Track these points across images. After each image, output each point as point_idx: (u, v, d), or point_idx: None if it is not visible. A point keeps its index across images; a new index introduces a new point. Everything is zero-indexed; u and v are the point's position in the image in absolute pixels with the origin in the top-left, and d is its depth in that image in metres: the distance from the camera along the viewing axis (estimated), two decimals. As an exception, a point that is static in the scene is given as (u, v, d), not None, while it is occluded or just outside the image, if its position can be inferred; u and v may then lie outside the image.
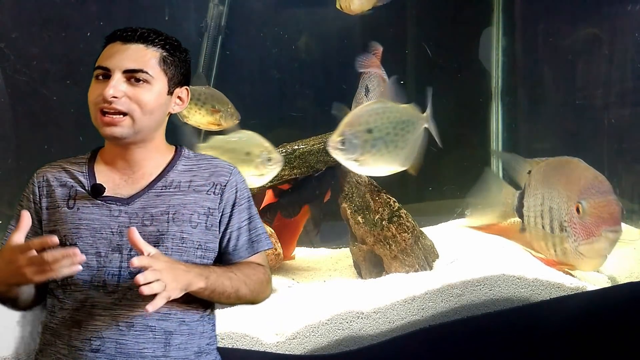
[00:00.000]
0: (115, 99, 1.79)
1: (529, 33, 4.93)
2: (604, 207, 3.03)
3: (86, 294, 1.79)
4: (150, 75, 1.84)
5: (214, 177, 1.91)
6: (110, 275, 1.79)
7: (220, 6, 4.37)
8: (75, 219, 1.82)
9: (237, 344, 2.67)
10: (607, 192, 3.11)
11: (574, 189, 3.11)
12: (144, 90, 1.83)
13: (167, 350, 1.79)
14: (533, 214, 3.33)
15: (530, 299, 3.04)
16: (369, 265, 3.57)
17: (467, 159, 4.95)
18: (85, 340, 1.76)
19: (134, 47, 1.86)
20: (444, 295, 2.97)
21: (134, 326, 1.77)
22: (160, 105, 1.87)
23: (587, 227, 3.06)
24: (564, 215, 3.12)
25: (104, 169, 1.91)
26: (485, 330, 2.89)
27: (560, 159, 3.35)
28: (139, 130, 1.84)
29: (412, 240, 3.47)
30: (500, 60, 4.91)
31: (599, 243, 3.03)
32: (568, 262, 3.15)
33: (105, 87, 1.80)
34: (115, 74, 1.81)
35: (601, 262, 3.13)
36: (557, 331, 2.84)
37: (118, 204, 1.84)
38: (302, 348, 2.73)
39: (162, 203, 1.84)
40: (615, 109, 4.17)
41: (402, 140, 2.96)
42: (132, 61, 1.83)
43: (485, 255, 3.54)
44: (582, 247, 3.06)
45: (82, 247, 1.79)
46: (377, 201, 3.55)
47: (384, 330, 2.85)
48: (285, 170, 3.49)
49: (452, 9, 4.72)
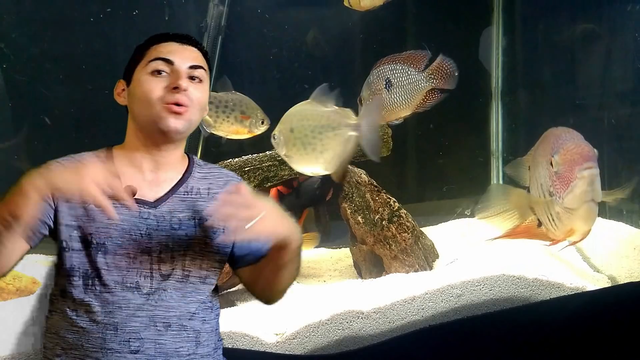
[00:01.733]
0: (186, 91, 1.85)
1: (529, 33, 4.93)
2: (573, 151, 2.93)
3: (120, 296, 1.79)
4: (206, 74, 1.94)
5: (227, 185, 1.96)
6: (143, 276, 1.81)
7: (220, 6, 4.37)
8: (104, 218, 1.79)
9: (237, 344, 2.67)
10: (576, 138, 3.05)
11: (547, 151, 3.06)
12: (200, 88, 1.91)
13: (197, 348, 1.84)
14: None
15: (530, 299, 3.04)
16: (369, 265, 3.57)
17: (467, 159, 4.95)
18: (124, 342, 1.76)
19: (191, 48, 1.96)
20: (444, 295, 2.97)
21: (171, 326, 1.80)
22: (206, 104, 1.96)
23: (564, 176, 2.95)
24: (548, 180, 3.07)
25: (127, 169, 1.90)
26: (485, 330, 2.89)
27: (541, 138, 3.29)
28: (190, 127, 1.90)
29: (412, 240, 3.47)
30: (500, 60, 4.91)
31: (578, 187, 2.89)
32: (566, 228, 3.08)
33: (167, 81, 1.85)
34: (182, 67, 1.87)
35: (591, 211, 2.98)
36: (557, 331, 2.84)
37: (145, 207, 1.85)
38: (302, 348, 2.73)
39: (187, 208, 1.88)
40: (615, 108, 4.16)
41: (320, 144, 2.91)
42: (195, 59, 1.92)
43: (485, 255, 3.54)
44: (566, 199, 2.93)
45: (111, 247, 1.80)
46: (377, 201, 3.55)
47: (384, 330, 2.85)
48: (285, 170, 3.49)
49: (452, 9, 4.72)
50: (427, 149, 4.97)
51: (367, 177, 3.64)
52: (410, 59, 3.31)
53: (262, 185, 3.50)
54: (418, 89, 3.31)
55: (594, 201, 2.83)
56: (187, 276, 1.85)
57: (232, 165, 3.45)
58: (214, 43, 4.35)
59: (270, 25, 4.49)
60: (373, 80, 3.34)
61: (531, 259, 3.44)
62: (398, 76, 3.33)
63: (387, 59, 3.32)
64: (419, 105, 3.35)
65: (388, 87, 3.32)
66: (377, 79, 3.32)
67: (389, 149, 3.77)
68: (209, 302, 1.90)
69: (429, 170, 5.00)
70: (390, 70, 3.33)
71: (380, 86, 3.31)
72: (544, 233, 3.12)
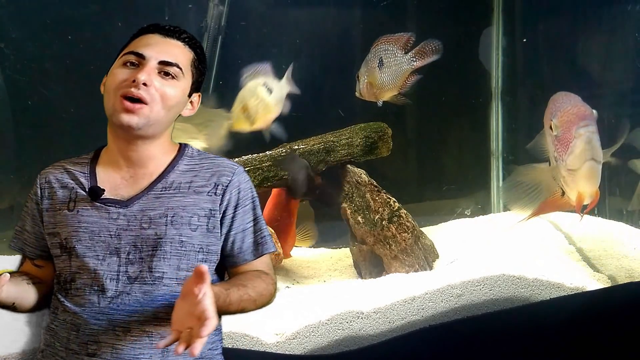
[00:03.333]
0: (145, 86, 1.78)
1: (529, 33, 4.93)
2: (570, 112, 2.90)
3: (87, 299, 1.77)
4: (182, 73, 1.86)
5: (215, 177, 1.88)
6: (109, 279, 1.77)
7: (220, 6, 4.37)
8: (75, 222, 1.81)
9: (237, 344, 2.66)
10: (573, 100, 3.02)
11: (549, 117, 3.05)
12: (171, 85, 1.84)
13: (165, 356, 1.77)
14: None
15: (530, 299, 3.04)
16: (369, 265, 3.57)
17: (467, 159, 4.95)
18: (83, 344, 1.75)
19: (174, 42, 1.89)
20: (444, 295, 2.97)
21: (130, 331, 1.75)
22: (179, 103, 1.88)
23: (563, 138, 2.92)
24: (552, 145, 3.05)
25: (105, 168, 1.88)
26: (485, 330, 2.89)
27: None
28: (153, 122, 1.82)
29: (412, 240, 3.47)
30: (500, 60, 4.91)
31: (577, 146, 2.86)
32: (574, 191, 3.03)
33: (135, 73, 1.79)
34: (151, 62, 1.82)
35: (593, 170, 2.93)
36: (557, 331, 2.83)
37: (117, 206, 1.81)
38: (302, 348, 2.73)
39: (160, 205, 1.81)
40: (615, 108, 4.16)
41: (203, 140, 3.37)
42: (171, 55, 1.85)
43: (485, 255, 3.54)
44: (568, 161, 2.89)
45: (81, 250, 1.78)
46: (377, 201, 3.55)
47: (384, 330, 2.85)
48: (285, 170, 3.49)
49: (452, 9, 4.72)
50: (427, 149, 4.97)
51: (367, 177, 3.64)
52: (399, 40, 3.42)
53: (262, 185, 3.50)
54: (403, 70, 3.43)
55: (594, 160, 2.80)
56: (159, 278, 1.77)
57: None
58: (214, 43, 4.35)
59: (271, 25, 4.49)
60: (370, 59, 3.46)
61: (531, 259, 3.44)
62: (388, 56, 3.43)
63: (382, 39, 3.44)
64: (401, 86, 3.47)
65: (380, 67, 3.40)
66: (373, 57, 3.45)
67: (389, 149, 3.78)
68: None
69: (429, 170, 5.00)
70: (384, 50, 3.44)
71: (375, 64, 3.42)
72: (568, 202, 3.08)
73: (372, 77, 3.45)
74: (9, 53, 3.90)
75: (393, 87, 3.46)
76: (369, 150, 3.70)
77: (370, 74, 3.47)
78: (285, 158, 3.53)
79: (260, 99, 3.43)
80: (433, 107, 4.85)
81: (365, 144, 3.68)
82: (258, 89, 3.44)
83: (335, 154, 3.61)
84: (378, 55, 3.44)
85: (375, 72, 3.45)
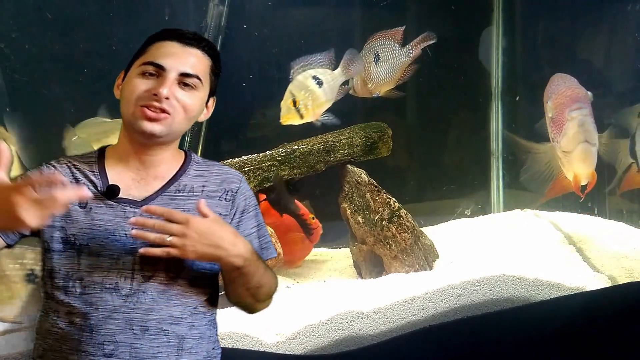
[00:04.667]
0: (167, 99, 1.79)
1: (529, 33, 4.93)
2: (564, 94, 2.94)
3: (98, 297, 1.74)
4: (201, 83, 1.86)
5: (225, 183, 1.90)
6: (124, 277, 1.75)
7: (220, 6, 4.37)
8: (88, 220, 1.78)
9: (237, 344, 2.66)
10: (569, 82, 3.04)
11: (545, 99, 3.07)
12: (191, 96, 1.84)
13: (180, 355, 1.77)
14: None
15: (530, 299, 3.04)
16: (369, 265, 3.57)
17: (467, 159, 4.95)
18: (98, 344, 1.72)
19: (194, 52, 1.87)
20: (444, 295, 2.97)
21: (149, 330, 1.74)
22: (198, 112, 1.89)
23: (557, 120, 2.97)
24: (548, 127, 3.07)
25: (115, 168, 1.87)
26: (485, 330, 2.89)
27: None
28: (174, 131, 1.84)
29: (412, 240, 3.47)
30: (500, 60, 4.91)
31: (570, 128, 2.90)
32: (569, 172, 3.05)
33: (155, 84, 1.79)
34: (171, 74, 1.81)
35: (587, 152, 2.95)
36: (557, 331, 2.83)
37: (132, 206, 1.80)
38: (302, 348, 2.73)
39: (176, 207, 1.80)
40: (615, 108, 4.16)
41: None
42: (191, 66, 1.84)
43: (485, 255, 3.54)
44: (562, 142, 2.94)
45: (95, 248, 1.76)
46: (377, 201, 3.55)
47: (384, 330, 2.85)
48: (285, 170, 3.49)
49: (452, 9, 4.72)
50: (427, 149, 4.97)
51: (367, 177, 3.64)
52: (396, 35, 3.49)
53: (262, 185, 3.50)
54: (401, 63, 3.51)
55: (588, 142, 2.82)
56: (173, 278, 1.78)
57: (232, 166, 3.45)
58: (214, 43, 4.35)
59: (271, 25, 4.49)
60: (364, 54, 3.50)
61: (531, 259, 3.44)
62: (385, 51, 3.48)
63: (377, 35, 3.50)
64: (399, 78, 3.55)
65: (376, 61, 3.44)
66: (368, 53, 3.51)
67: (389, 149, 3.78)
68: (202, 307, 1.83)
69: (429, 170, 5.00)
70: (380, 45, 3.49)
71: (370, 60, 3.47)
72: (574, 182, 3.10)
73: (368, 72, 3.49)
74: (9, 53, 3.90)
75: (391, 80, 3.51)
76: (369, 150, 3.70)
77: (366, 69, 3.49)
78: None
79: (310, 91, 3.39)
80: (433, 107, 4.86)
81: (365, 144, 3.68)
82: (307, 81, 3.40)
83: (335, 154, 3.61)
84: (374, 50, 3.47)
85: (371, 67, 3.49)
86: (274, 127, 4.38)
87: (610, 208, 4.21)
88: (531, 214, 4.37)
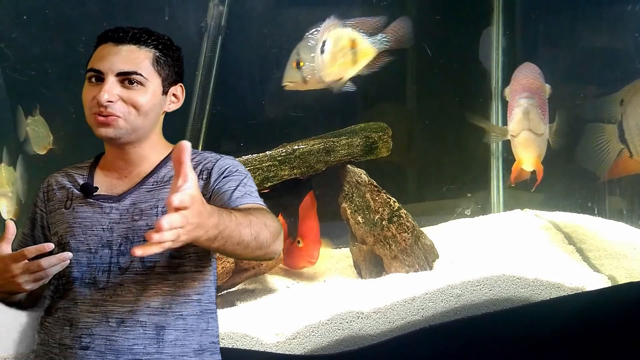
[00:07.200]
0: (110, 103, 1.78)
1: (529, 33, 4.93)
2: (519, 82, 3.06)
3: (77, 292, 1.80)
4: (144, 77, 1.83)
5: (201, 165, 1.89)
6: (101, 271, 1.79)
7: (220, 6, 4.37)
8: (70, 218, 1.85)
9: (237, 344, 2.67)
10: (529, 71, 3.14)
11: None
12: (138, 92, 1.82)
13: (161, 347, 1.76)
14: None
15: (530, 299, 3.04)
16: (369, 265, 3.57)
17: (467, 159, 4.95)
18: (76, 337, 1.76)
19: (127, 48, 1.84)
20: (444, 295, 2.97)
21: (124, 322, 1.76)
22: (155, 105, 1.86)
23: (510, 106, 3.11)
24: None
25: (104, 171, 1.94)
26: (485, 330, 2.89)
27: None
28: (134, 130, 1.84)
29: (412, 240, 3.48)
30: (500, 60, 4.91)
31: (515, 114, 3.03)
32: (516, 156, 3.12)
33: (99, 90, 1.79)
34: (109, 77, 1.80)
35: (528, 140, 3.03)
36: (557, 331, 2.84)
37: (109, 202, 1.85)
38: (302, 348, 2.73)
39: (152, 198, 1.84)
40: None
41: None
42: (125, 63, 1.81)
43: (485, 255, 3.54)
44: (510, 126, 3.07)
45: (74, 244, 1.82)
46: (377, 201, 3.55)
47: (384, 330, 2.85)
48: (285, 170, 3.49)
49: (452, 9, 4.72)
50: (427, 149, 4.97)
51: (367, 177, 3.64)
52: (360, 24, 3.46)
53: (262, 185, 3.50)
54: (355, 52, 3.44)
55: (530, 131, 2.91)
56: (150, 267, 1.77)
57: (232, 165, 3.45)
58: (214, 43, 4.35)
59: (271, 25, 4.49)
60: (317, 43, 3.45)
61: (531, 259, 3.44)
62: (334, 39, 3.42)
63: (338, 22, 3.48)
64: (367, 66, 3.48)
65: (323, 50, 3.39)
66: (320, 41, 3.44)
67: (389, 149, 3.78)
68: (195, 294, 1.79)
69: (429, 170, 5.00)
70: (333, 34, 3.43)
71: (319, 48, 3.42)
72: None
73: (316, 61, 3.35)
74: (9, 53, 3.90)
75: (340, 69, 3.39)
76: (369, 150, 3.70)
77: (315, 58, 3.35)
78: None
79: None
80: (433, 107, 4.85)
81: (365, 144, 3.68)
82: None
83: (335, 154, 3.61)
84: (324, 38, 3.38)
85: (316, 56, 3.35)
86: (274, 127, 4.39)
87: (610, 208, 4.21)
88: (531, 214, 4.38)
